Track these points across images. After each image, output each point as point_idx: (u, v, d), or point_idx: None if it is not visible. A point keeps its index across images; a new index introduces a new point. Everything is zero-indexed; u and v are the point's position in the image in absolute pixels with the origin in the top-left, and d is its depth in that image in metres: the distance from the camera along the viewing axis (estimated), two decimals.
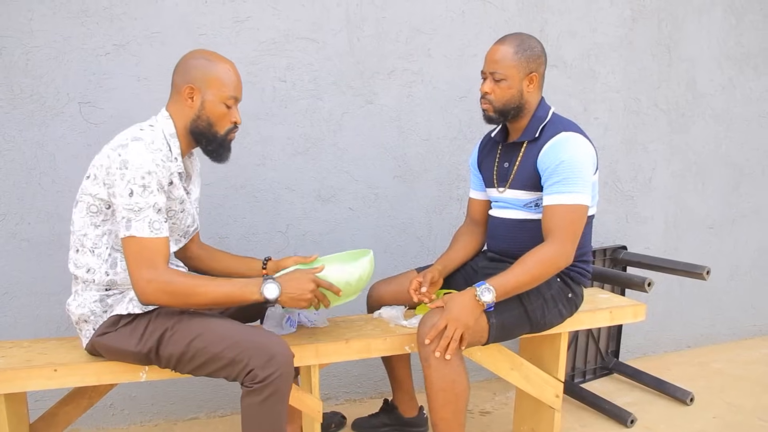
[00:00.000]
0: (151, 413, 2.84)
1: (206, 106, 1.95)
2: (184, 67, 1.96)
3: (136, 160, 1.78)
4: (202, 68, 1.94)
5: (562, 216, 2.11)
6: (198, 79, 1.93)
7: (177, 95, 1.96)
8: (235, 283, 1.87)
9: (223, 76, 1.95)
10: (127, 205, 1.78)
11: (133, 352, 1.89)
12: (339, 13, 2.84)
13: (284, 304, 1.91)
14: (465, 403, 2.08)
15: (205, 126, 1.97)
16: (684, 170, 3.65)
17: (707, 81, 3.62)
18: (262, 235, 2.84)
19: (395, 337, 2.21)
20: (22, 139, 2.53)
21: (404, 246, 3.07)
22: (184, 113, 1.96)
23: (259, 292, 1.86)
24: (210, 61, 1.95)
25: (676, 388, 3.08)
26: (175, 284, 1.81)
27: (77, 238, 1.92)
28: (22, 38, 2.48)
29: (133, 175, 1.78)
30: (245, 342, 1.84)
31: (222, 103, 1.95)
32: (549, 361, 2.49)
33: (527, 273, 2.06)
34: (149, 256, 1.80)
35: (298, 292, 1.89)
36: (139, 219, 1.79)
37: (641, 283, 2.74)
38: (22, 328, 2.61)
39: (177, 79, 1.97)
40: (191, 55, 1.99)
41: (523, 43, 2.18)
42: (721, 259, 3.81)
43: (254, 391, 1.81)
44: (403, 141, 3.02)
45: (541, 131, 2.22)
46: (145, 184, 1.79)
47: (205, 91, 1.94)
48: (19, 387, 1.93)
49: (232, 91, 1.97)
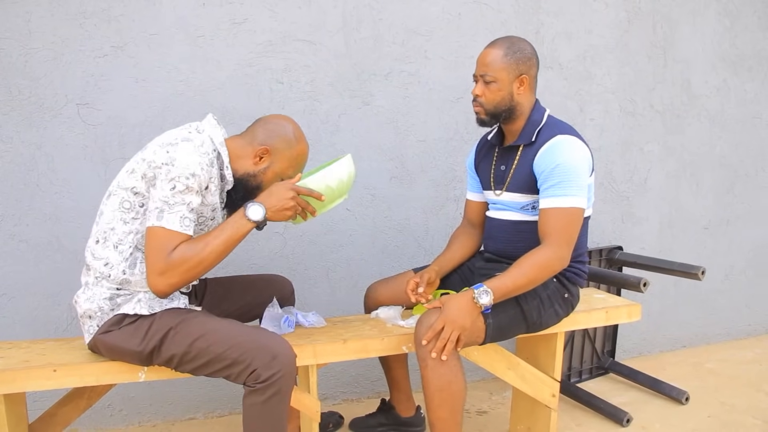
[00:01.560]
0: (149, 414, 2.84)
1: (267, 173, 2.02)
2: (273, 129, 2.02)
3: (184, 160, 1.82)
4: (287, 140, 2.02)
5: (558, 219, 2.12)
6: (277, 148, 2.01)
7: (249, 144, 2.01)
8: (224, 227, 1.89)
9: (298, 158, 2.05)
10: (164, 197, 1.82)
11: (134, 352, 1.89)
12: (335, 15, 2.85)
13: (272, 219, 1.93)
14: (462, 403, 2.10)
15: (253, 187, 2.02)
16: (679, 171, 3.68)
17: (702, 83, 3.65)
18: (260, 235, 2.84)
19: (392, 338, 2.22)
20: (20, 141, 2.54)
21: (401, 246, 3.08)
22: (243, 161, 2.01)
23: (246, 218, 1.89)
24: (298, 138, 2.04)
25: (672, 387, 3.10)
26: (180, 256, 1.81)
27: (102, 230, 1.92)
28: (20, 39, 2.49)
29: (179, 173, 1.82)
30: (248, 342, 1.85)
31: (279, 176, 2.03)
32: (545, 361, 2.51)
33: (524, 276, 2.08)
34: (165, 246, 1.81)
35: (280, 203, 1.92)
36: (172, 212, 1.82)
37: (637, 284, 2.75)
38: (20, 329, 2.62)
39: (259, 133, 2.02)
40: (284, 120, 2.06)
41: (512, 45, 2.20)
42: (716, 259, 3.83)
43: (257, 391, 1.82)
44: (400, 142, 3.03)
45: (537, 135, 2.23)
46: (188, 184, 1.83)
47: (274, 162, 2.01)
48: (19, 387, 1.94)
49: (293, 171, 2.06)
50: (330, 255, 2.98)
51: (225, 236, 1.87)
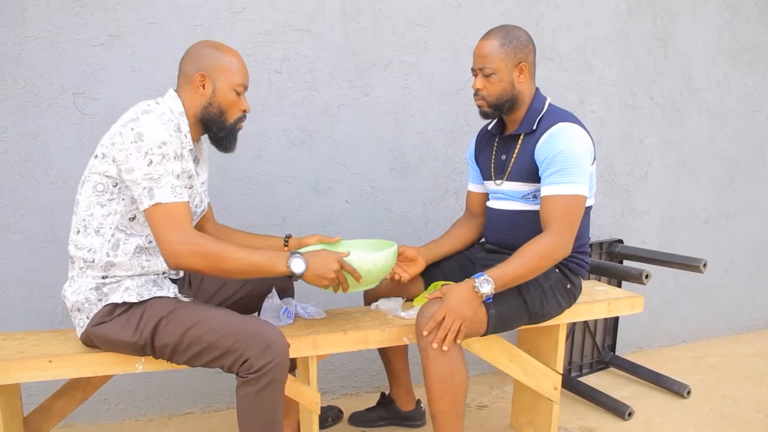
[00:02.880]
0: (146, 408, 2.81)
1: (217, 94, 1.98)
2: (195, 56, 1.99)
3: (150, 131, 1.81)
4: (212, 57, 1.97)
5: (560, 206, 2.10)
6: (209, 67, 1.96)
7: (187, 84, 1.99)
8: (263, 254, 1.89)
9: (232, 64, 1.99)
10: (146, 174, 1.80)
11: (129, 342, 1.87)
12: (335, 5, 2.82)
13: (307, 280, 1.92)
14: (464, 395, 2.07)
15: (216, 113, 2.00)
16: (679, 164, 3.66)
17: (702, 75, 3.63)
18: (258, 228, 2.82)
19: (393, 329, 2.19)
20: (15, 131, 2.50)
21: (401, 239, 3.03)
22: (195, 101, 1.98)
23: (286, 265, 1.87)
24: (219, 50, 2.00)
25: (673, 381, 3.08)
26: (207, 247, 1.82)
27: (81, 219, 1.91)
28: (16, 28, 2.46)
29: (150, 145, 1.80)
30: (241, 332, 1.83)
31: (232, 90, 1.99)
32: (547, 353, 2.49)
33: (525, 264, 2.05)
34: (176, 220, 1.81)
35: (323, 270, 1.91)
36: (161, 186, 1.80)
37: (639, 276, 2.73)
38: (15, 322, 2.58)
39: (187, 68, 1.99)
40: (200, 44, 2.03)
41: (508, 34, 2.17)
42: (716, 253, 3.81)
43: (250, 381, 1.79)
44: (400, 133, 3.00)
45: (538, 123, 2.21)
46: (163, 153, 1.81)
47: (216, 79, 1.97)
48: (13, 378, 1.91)
49: (242, 79, 2.01)
50: None
51: (257, 260, 1.87)
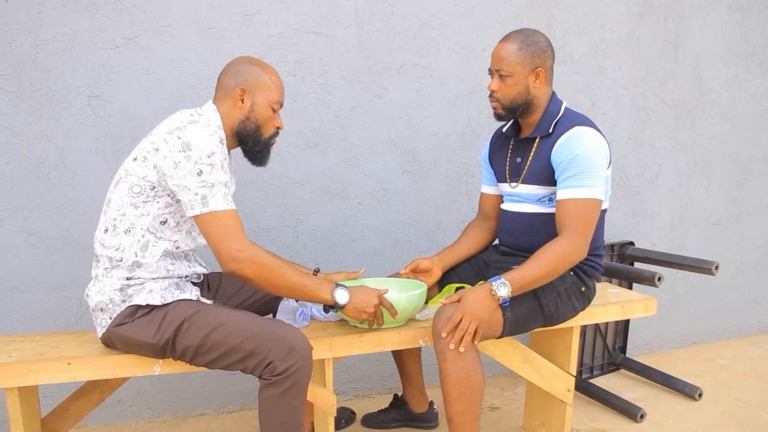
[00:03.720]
0: (160, 409, 2.82)
1: (255, 109, 2.02)
2: (236, 71, 2.03)
3: (199, 142, 1.84)
4: (253, 73, 2.02)
5: (576, 210, 2.10)
6: (249, 83, 2.01)
7: (226, 97, 2.02)
8: (312, 279, 1.99)
9: (272, 82, 2.04)
10: (199, 183, 1.83)
11: (149, 344, 1.88)
12: (348, 8, 2.84)
13: (347, 312, 2.01)
14: (480, 397, 2.07)
15: (253, 128, 2.04)
16: (690, 166, 3.66)
17: (713, 77, 3.63)
18: (272, 230, 2.83)
19: (409, 331, 2.20)
20: (30, 133, 2.52)
21: (413, 241, 3.07)
22: (233, 114, 2.02)
23: (331, 294, 1.95)
24: (260, 67, 2.04)
25: (684, 383, 3.08)
26: (265, 258, 1.87)
27: (112, 218, 1.92)
28: (32, 31, 2.48)
29: (199, 155, 1.84)
30: (264, 334, 1.84)
31: (269, 107, 2.04)
32: (560, 355, 2.49)
33: (542, 268, 2.06)
34: (233, 228, 1.86)
35: (364, 304, 2.01)
36: (214, 194, 1.84)
37: (651, 278, 2.73)
38: (31, 323, 2.60)
39: (227, 82, 2.03)
40: (242, 60, 2.07)
41: (527, 38, 2.18)
42: (727, 255, 3.81)
43: (273, 384, 1.81)
44: (413, 136, 3.01)
45: (554, 126, 2.21)
46: (212, 162, 1.85)
47: (255, 95, 2.02)
48: (33, 380, 1.92)
49: (279, 97, 2.06)
50: (342, 249, 2.96)
51: (306, 283, 1.95)
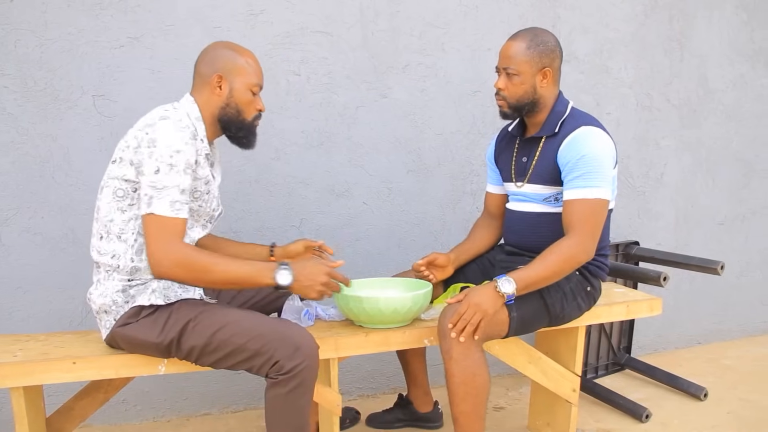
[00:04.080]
0: (164, 409, 2.82)
1: (234, 94, 1.99)
2: (212, 57, 2.00)
3: (165, 139, 1.81)
4: (229, 58, 1.99)
5: (583, 211, 2.10)
6: (226, 69, 1.98)
7: (203, 85, 2.00)
8: (250, 265, 1.89)
9: (248, 65, 2.01)
10: (151, 182, 1.80)
11: (154, 343, 1.87)
12: (353, 7, 2.83)
13: (294, 291, 1.92)
14: (485, 397, 2.07)
15: (234, 113, 2.01)
16: (695, 166, 3.65)
17: (718, 77, 3.62)
18: (276, 229, 2.83)
19: (414, 331, 2.19)
20: (35, 133, 2.52)
21: (418, 241, 3.06)
22: (212, 102, 2.00)
23: (272, 277, 1.87)
24: (235, 51, 2.01)
25: (690, 383, 3.07)
26: (192, 258, 1.82)
27: (103, 225, 1.91)
28: (36, 31, 2.47)
29: (162, 152, 1.80)
30: (270, 333, 1.83)
31: (248, 90, 2.00)
32: (566, 355, 2.48)
33: (548, 268, 2.06)
34: (167, 234, 1.81)
35: (310, 281, 1.91)
36: (161, 197, 1.80)
37: (657, 278, 2.73)
38: (35, 322, 2.59)
39: (203, 69, 2.00)
40: (216, 46, 2.04)
41: (536, 37, 2.17)
42: (732, 255, 3.80)
43: (280, 383, 1.80)
44: (417, 135, 3.01)
45: (560, 126, 2.21)
46: (172, 162, 1.81)
47: (232, 80, 1.98)
48: (38, 380, 1.92)
49: (257, 79, 2.03)
50: (346, 249, 2.95)
51: (244, 272, 1.87)
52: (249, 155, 2.73)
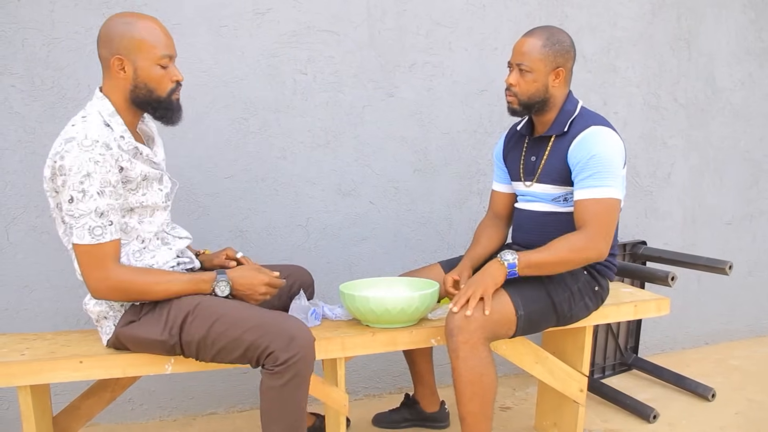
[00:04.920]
0: (170, 408, 2.82)
1: (140, 74, 1.83)
2: (106, 39, 1.82)
3: (72, 165, 1.71)
4: (124, 34, 1.80)
5: (595, 210, 2.09)
6: (123, 47, 1.80)
7: (107, 70, 1.84)
8: (188, 281, 1.89)
9: (147, 36, 1.81)
10: (68, 211, 1.75)
11: (159, 341, 1.87)
12: (360, 6, 2.82)
13: (238, 298, 1.95)
14: (493, 396, 2.07)
15: (145, 93, 1.85)
16: (702, 166, 3.63)
17: (726, 76, 3.60)
18: (282, 228, 2.83)
19: (421, 330, 2.19)
20: (42, 131, 2.52)
21: (424, 240, 3.05)
22: (119, 87, 1.84)
23: (211, 290, 1.90)
24: (129, 24, 1.81)
25: (697, 384, 3.05)
26: (127, 283, 1.81)
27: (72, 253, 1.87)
28: (44, 30, 2.48)
29: (72, 180, 1.72)
30: (266, 325, 1.82)
31: (156, 65, 1.83)
32: (573, 355, 2.48)
33: (554, 255, 2.07)
34: (95, 261, 1.78)
35: (249, 291, 1.96)
36: (78, 226, 1.75)
37: (665, 278, 2.72)
38: (42, 322, 2.60)
39: (103, 53, 1.83)
40: (109, 22, 1.84)
41: (552, 36, 2.17)
42: (739, 255, 3.78)
43: (275, 375, 1.78)
44: (424, 134, 3.00)
45: (570, 125, 2.20)
46: (84, 189, 1.73)
47: (134, 59, 1.81)
48: (45, 379, 1.92)
49: (164, 50, 1.84)
50: (352, 248, 2.95)
51: (182, 288, 1.88)
52: (255, 154, 2.74)
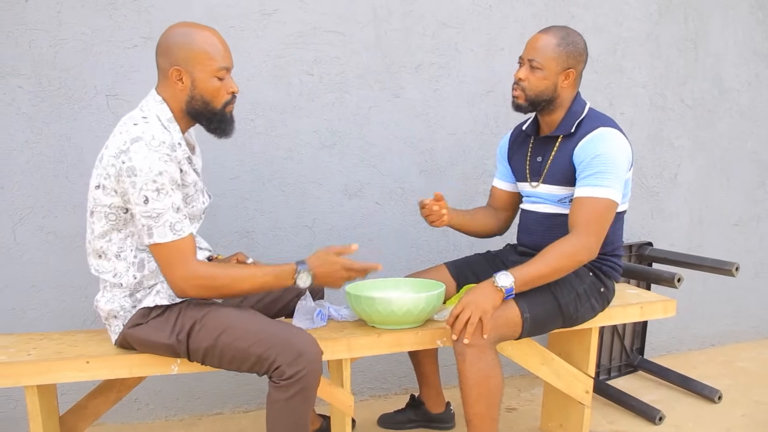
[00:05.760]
0: (176, 408, 2.83)
1: (198, 85, 1.84)
2: (166, 48, 1.85)
3: (143, 165, 1.72)
4: (183, 45, 1.82)
5: (590, 209, 2.09)
6: (181, 59, 1.82)
7: (165, 78, 1.86)
8: (269, 274, 1.87)
9: (207, 48, 1.83)
10: (144, 212, 1.75)
11: (165, 344, 1.87)
12: (366, 7, 2.82)
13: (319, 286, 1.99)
14: (499, 398, 2.07)
15: (201, 105, 1.87)
16: (709, 166, 3.62)
17: (733, 76, 3.59)
18: (289, 229, 2.83)
19: (426, 331, 2.19)
20: (49, 132, 2.53)
21: (430, 241, 3.05)
22: (176, 97, 1.86)
23: (293, 281, 1.88)
24: (189, 35, 1.83)
25: (704, 385, 3.04)
26: (211, 278, 1.81)
27: (99, 245, 1.88)
28: (51, 31, 2.48)
29: (144, 180, 1.72)
30: (273, 338, 1.82)
31: (213, 77, 1.85)
32: (579, 357, 2.47)
33: (548, 265, 2.06)
34: (179, 258, 1.79)
35: (331, 279, 1.94)
36: (159, 225, 1.76)
37: (671, 279, 2.71)
38: (49, 321, 2.61)
39: (161, 62, 1.86)
40: (169, 32, 1.86)
41: (567, 36, 2.17)
42: (746, 256, 3.76)
43: (281, 388, 1.79)
44: (430, 135, 3.00)
45: (577, 126, 2.20)
46: (158, 187, 1.74)
47: (192, 70, 1.83)
48: (52, 379, 1.93)
49: (221, 62, 1.85)
50: (359, 249, 2.93)
51: (264, 282, 1.88)
52: (261, 154, 2.74)
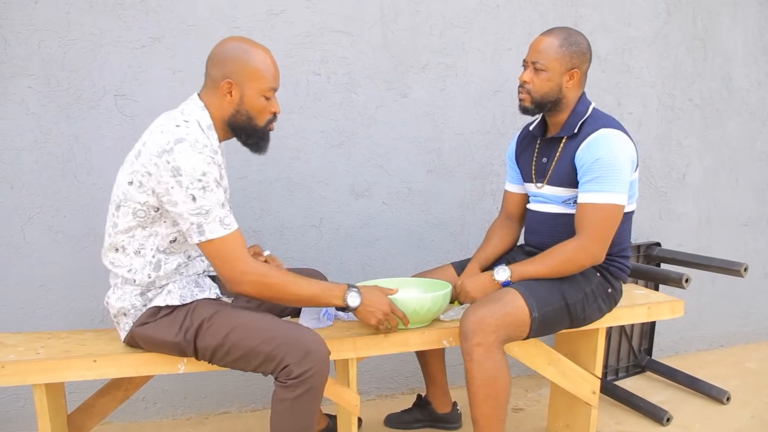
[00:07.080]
0: (183, 407, 2.84)
1: (245, 101, 1.89)
2: (221, 59, 1.89)
3: (188, 165, 1.75)
4: (239, 60, 1.87)
5: (594, 215, 2.10)
6: (236, 73, 1.87)
7: (214, 88, 1.90)
8: (321, 286, 1.93)
9: (261, 67, 1.88)
10: (193, 210, 1.77)
11: (172, 343, 1.88)
12: (373, 7, 2.83)
13: (358, 314, 1.97)
14: (506, 399, 2.06)
15: (245, 120, 1.92)
16: (718, 166, 3.60)
17: (742, 76, 3.57)
18: (296, 229, 2.83)
19: (433, 331, 2.19)
20: (58, 132, 2.54)
21: (437, 241, 3.05)
22: (222, 107, 1.91)
23: (343, 298, 1.92)
24: (246, 52, 1.88)
25: (712, 386, 3.03)
26: (270, 278, 1.84)
27: (121, 240, 1.89)
28: (60, 31, 2.50)
29: (190, 180, 1.75)
30: (281, 337, 1.82)
31: (261, 96, 1.90)
32: (586, 357, 2.46)
33: (548, 266, 2.12)
34: (233, 252, 1.81)
35: (373, 309, 1.97)
36: (209, 221, 1.78)
37: (679, 279, 2.70)
38: (57, 320, 2.62)
39: (213, 72, 1.90)
40: (226, 44, 1.91)
41: (569, 37, 2.16)
42: (755, 257, 3.75)
43: (288, 387, 1.79)
44: (437, 135, 3.00)
45: (580, 127, 2.19)
46: (203, 185, 1.77)
47: (243, 86, 1.88)
48: (60, 377, 1.94)
49: (272, 82, 1.91)
50: (366, 249, 2.95)
51: (314, 292, 1.91)
52: (268, 154, 2.72)
